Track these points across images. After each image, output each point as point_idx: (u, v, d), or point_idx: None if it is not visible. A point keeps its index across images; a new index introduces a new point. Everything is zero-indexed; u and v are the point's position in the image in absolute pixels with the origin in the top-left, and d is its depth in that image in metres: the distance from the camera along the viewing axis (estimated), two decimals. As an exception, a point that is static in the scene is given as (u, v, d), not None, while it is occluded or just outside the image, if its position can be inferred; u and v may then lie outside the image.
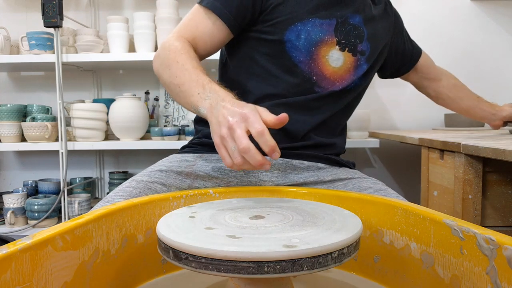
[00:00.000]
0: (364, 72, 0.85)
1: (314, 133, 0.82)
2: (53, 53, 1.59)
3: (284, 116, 0.53)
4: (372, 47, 0.85)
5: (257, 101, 0.73)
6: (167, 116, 1.90)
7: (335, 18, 0.80)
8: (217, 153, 0.76)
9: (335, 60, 0.80)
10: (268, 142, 0.50)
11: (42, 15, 1.48)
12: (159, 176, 0.72)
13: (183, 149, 0.85)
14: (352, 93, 0.86)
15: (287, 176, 0.77)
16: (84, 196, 1.71)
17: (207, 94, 0.61)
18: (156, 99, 1.90)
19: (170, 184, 0.72)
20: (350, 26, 0.81)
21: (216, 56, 0.90)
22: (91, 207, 1.69)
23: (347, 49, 0.81)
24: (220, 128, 0.54)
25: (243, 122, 0.52)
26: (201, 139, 0.83)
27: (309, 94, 0.80)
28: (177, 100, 0.70)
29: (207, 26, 0.76)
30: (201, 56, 0.78)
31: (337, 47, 0.80)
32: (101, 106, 1.64)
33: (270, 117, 0.53)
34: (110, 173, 1.88)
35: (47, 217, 1.61)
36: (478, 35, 1.82)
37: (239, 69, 0.83)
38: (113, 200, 0.64)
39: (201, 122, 0.88)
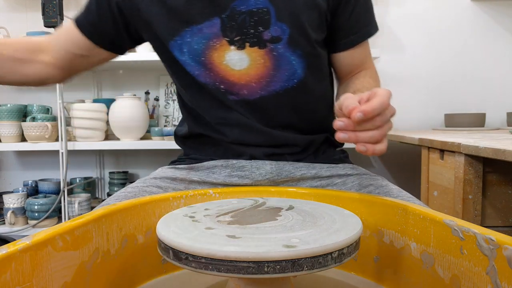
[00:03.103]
0: (293, 61, 0.67)
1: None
2: (53, 53, 1.59)
3: None
4: (292, 25, 0.66)
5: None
6: (167, 116, 1.90)
7: (217, 16, 0.65)
8: (207, 162, 0.75)
9: (237, 62, 0.67)
10: None
11: (42, 15, 1.47)
12: (153, 182, 0.71)
13: (173, 163, 0.82)
14: (297, 90, 0.70)
15: (281, 172, 0.73)
16: (84, 196, 1.71)
17: None
18: (156, 99, 1.90)
19: (166, 187, 0.71)
20: (243, 15, 0.64)
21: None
22: (91, 207, 1.70)
23: (247, 44, 0.66)
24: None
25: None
26: (188, 155, 0.81)
27: (224, 105, 0.70)
28: None
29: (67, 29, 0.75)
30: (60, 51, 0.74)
31: (232, 47, 0.66)
32: (101, 106, 1.64)
33: None
34: (110, 173, 1.88)
35: (47, 217, 1.61)
36: (478, 35, 1.82)
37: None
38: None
39: (180, 139, 0.84)
